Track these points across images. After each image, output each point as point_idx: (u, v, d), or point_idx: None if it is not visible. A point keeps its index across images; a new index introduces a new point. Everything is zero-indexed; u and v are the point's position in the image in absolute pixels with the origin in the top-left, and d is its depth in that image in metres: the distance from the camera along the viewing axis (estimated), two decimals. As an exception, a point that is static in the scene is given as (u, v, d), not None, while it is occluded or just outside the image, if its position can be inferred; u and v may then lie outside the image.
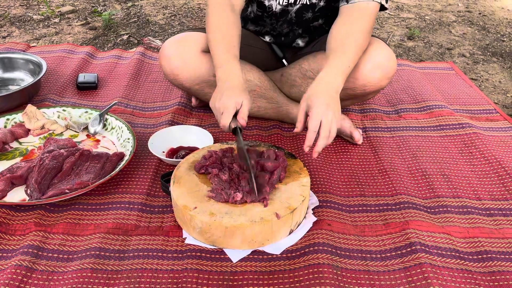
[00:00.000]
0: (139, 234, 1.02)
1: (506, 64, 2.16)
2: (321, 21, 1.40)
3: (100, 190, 1.15)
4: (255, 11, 1.42)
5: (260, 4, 1.38)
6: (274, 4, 1.35)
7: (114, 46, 2.20)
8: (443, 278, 0.92)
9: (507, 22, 2.67)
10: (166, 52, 1.34)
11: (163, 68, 1.37)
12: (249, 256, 0.97)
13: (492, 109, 1.60)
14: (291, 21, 1.39)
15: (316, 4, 1.34)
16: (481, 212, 1.12)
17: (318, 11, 1.36)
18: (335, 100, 1.08)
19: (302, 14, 1.37)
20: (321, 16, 1.38)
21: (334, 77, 1.12)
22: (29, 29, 2.36)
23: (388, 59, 1.27)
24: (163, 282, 0.90)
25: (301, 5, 1.35)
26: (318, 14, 1.37)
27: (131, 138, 1.27)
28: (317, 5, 1.34)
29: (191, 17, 2.61)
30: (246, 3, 1.35)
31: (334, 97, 1.09)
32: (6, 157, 1.24)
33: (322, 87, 1.10)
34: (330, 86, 1.10)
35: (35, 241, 0.98)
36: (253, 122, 1.47)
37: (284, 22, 1.40)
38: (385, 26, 2.55)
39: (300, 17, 1.37)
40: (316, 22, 1.39)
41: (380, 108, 1.59)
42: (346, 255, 0.98)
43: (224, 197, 0.99)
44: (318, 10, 1.36)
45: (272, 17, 1.40)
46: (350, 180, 1.23)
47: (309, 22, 1.39)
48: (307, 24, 1.40)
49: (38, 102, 1.54)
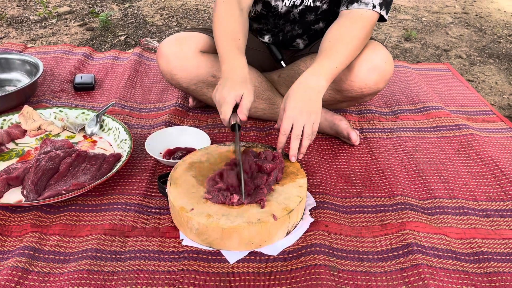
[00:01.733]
0: (135, 235, 1.02)
1: (502, 65, 2.17)
2: (322, 25, 1.40)
3: (97, 191, 1.15)
4: (259, 10, 1.42)
5: (266, 4, 1.39)
6: (281, 4, 1.36)
7: (111, 47, 2.20)
8: (440, 279, 0.93)
9: (504, 23, 2.68)
10: (164, 51, 1.34)
11: (161, 67, 1.37)
12: (246, 257, 0.97)
13: (488, 111, 1.61)
14: (294, 21, 1.40)
15: (319, 7, 1.35)
16: (477, 213, 1.12)
17: (320, 14, 1.36)
18: (313, 101, 1.09)
19: (305, 15, 1.37)
20: (323, 19, 1.38)
21: (317, 77, 1.12)
22: (26, 29, 2.36)
23: (385, 62, 1.27)
24: (159, 284, 0.90)
25: (304, 7, 1.35)
26: (320, 17, 1.37)
27: (128, 139, 1.26)
28: (320, 8, 1.35)
29: (189, 18, 2.61)
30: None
31: (312, 98, 1.09)
32: (3, 158, 1.24)
33: (301, 88, 1.10)
34: (311, 87, 1.11)
35: (31, 242, 0.98)
36: (250, 123, 1.47)
37: (287, 21, 1.41)
38: (382, 28, 2.56)
39: (303, 17, 1.38)
40: (317, 25, 1.40)
41: (377, 109, 1.59)
42: (343, 256, 0.98)
43: (221, 198, 0.99)
44: (321, 13, 1.36)
45: (276, 17, 1.41)
46: (347, 181, 1.23)
47: (311, 24, 1.39)
48: (308, 25, 1.40)
49: (34, 103, 1.54)
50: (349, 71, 1.26)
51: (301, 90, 1.10)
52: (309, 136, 1.08)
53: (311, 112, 1.07)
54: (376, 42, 1.31)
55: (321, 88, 1.12)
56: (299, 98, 1.09)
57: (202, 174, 1.09)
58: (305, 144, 1.09)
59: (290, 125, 1.07)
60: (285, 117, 1.07)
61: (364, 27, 1.20)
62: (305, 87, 1.10)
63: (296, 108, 1.07)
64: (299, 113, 1.07)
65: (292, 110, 1.07)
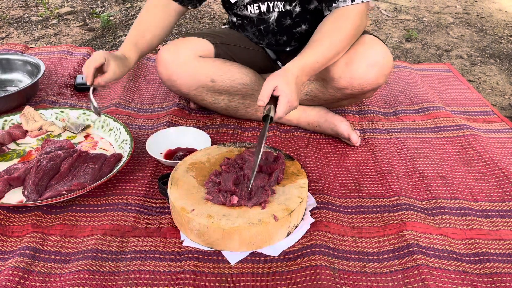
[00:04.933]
0: (136, 235, 1.02)
1: (503, 66, 2.17)
2: (305, 27, 1.39)
3: (98, 192, 1.15)
4: (236, 20, 1.43)
5: (236, 14, 1.41)
6: (247, 13, 1.37)
7: (113, 48, 2.20)
8: (440, 279, 0.93)
9: (505, 24, 2.67)
10: (163, 57, 1.35)
11: (160, 74, 1.37)
12: (246, 258, 0.97)
13: (489, 111, 1.61)
14: (273, 31, 1.40)
15: (291, 11, 1.34)
16: (478, 214, 1.12)
17: (296, 17, 1.36)
18: (290, 79, 1.10)
19: (282, 21, 1.37)
20: (302, 22, 1.37)
21: (295, 67, 1.13)
22: (27, 30, 2.36)
23: (383, 56, 1.27)
24: (160, 284, 0.90)
25: (278, 13, 1.35)
26: (298, 19, 1.36)
27: (128, 139, 1.27)
28: (293, 11, 1.34)
29: (189, 18, 2.61)
30: (228, 14, 1.40)
31: (290, 80, 1.10)
32: (4, 159, 1.24)
33: (277, 71, 1.13)
34: (288, 72, 1.12)
35: (32, 243, 0.98)
36: (250, 123, 1.47)
37: (267, 31, 1.40)
38: (383, 28, 2.56)
39: (281, 25, 1.38)
40: (299, 28, 1.39)
41: (378, 110, 1.59)
42: (343, 257, 0.98)
43: (221, 199, 1.00)
44: (296, 16, 1.35)
45: (252, 25, 1.41)
46: (348, 181, 1.23)
47: (291, 28, 1.39)
48: (289, 31, 1.39)
49: (36, 103, 1.54)
50: (348, 69, 1.26)
51: (279, 72, 1.12)
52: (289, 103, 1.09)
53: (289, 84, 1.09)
54: (373, 37, 1.30)
55: (297, 79, 1.12)
56: (279, 74, 1.11)
57: (203, 174, 1.09)
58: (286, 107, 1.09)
59: (271, 88, 1.08)
60: (265, 83, 1.10)
61: (350, 21, 1.19)
62: (283, 71, 1.12)
63: (274, 76, 1.10)
64: (275, 78, 1.10)
65: (271, 79, 1.10)
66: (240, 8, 1.37)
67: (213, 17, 2.64)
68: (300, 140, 1.41)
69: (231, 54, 1.42)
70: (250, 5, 1.35)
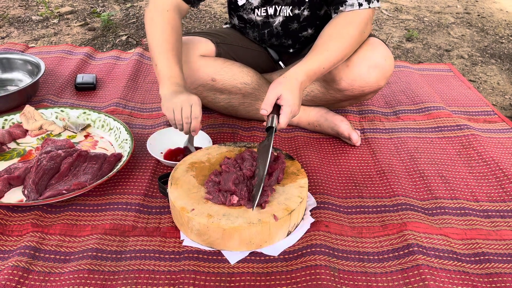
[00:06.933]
0: (136, 235, 1.02)
1: (504, 65, 2.17)
2: (311, 31, 1.39)
3: (98, 191, 1.15)
4: (237, 23, 1.43)
5: (240, 17, 1.40)
6: (253, 16, 1.36)
7: (113, 47, 2.20)
8: (440, 279, 0.92)
9: (506, 23, 2.67)
10: None
11: None
12: (246, 258, 0.97)
13: (490, 111, 1.61)
14: (278, 34, 1.39)
15: (299, 15, 1.34)
16: (478, 214, 1.12)
17: (303, 20, 1.35)
18: (294, 86, 1.10)
19: (288, 25, 1.36)
20: (309, 26, 1.37)
21: (300, 73, 1.12)
22: (27, 29, 2.36)
23: (385, 58, 1.27)
24: (160, 284, 0.90)
25: (284, 17, 1.34)
26: (305, 23, 1.36)
27: (129, 139, 1.27)
28: (301, 15, 1.34)
29: (190, 18, 2.61)
30: (229, 16, 1.39)
31: (294, 88, 1.10)
32: (4, 158, 1.24)
33: (282, 79, 1.12)
34: (293, 79, 1.11)
35: (32, 242, 0.98)
36: (251, 123, 1.47)
37: (270, 35, 1.40)
38: (384, 28, 2.56)
39: (286, 29, 1.37)
40: (305, 32, 1.39)
41: (378, 110, 1.59)
42: (343, 257, 0.98)
43: (221, 199, 0.99)
44: (304, 20, 1.35)
45: (254, 29, 1.40)
46: (348, 181, 1.23)
47: (297, 32, 1.38)
48: (295, 34, 1.39)
49: (36, 102, 1.54)
50: (349, 70, 1.26)
51: (282, 79, 1.11)
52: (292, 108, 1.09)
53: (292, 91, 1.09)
54: (375, 39, 1.30)
55: (300, 83, 1.12)
56: (282, 81, 1.11)
57: (203, 174, 1.09)
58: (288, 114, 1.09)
59: (274, 96, 1.08)
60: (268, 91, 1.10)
61: (357, 26, 1.18)
62: (287, 77, 1.12)
63: (276, 83, 1.10)
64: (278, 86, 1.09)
65: (274, 86, 1.09)
66: (246, 11, 1.37)
67: (214, 17, 2.64)
68: (300, 139, 1.41)
69: (232, 54, 1.42)
70: (258, 9, 1.35)
